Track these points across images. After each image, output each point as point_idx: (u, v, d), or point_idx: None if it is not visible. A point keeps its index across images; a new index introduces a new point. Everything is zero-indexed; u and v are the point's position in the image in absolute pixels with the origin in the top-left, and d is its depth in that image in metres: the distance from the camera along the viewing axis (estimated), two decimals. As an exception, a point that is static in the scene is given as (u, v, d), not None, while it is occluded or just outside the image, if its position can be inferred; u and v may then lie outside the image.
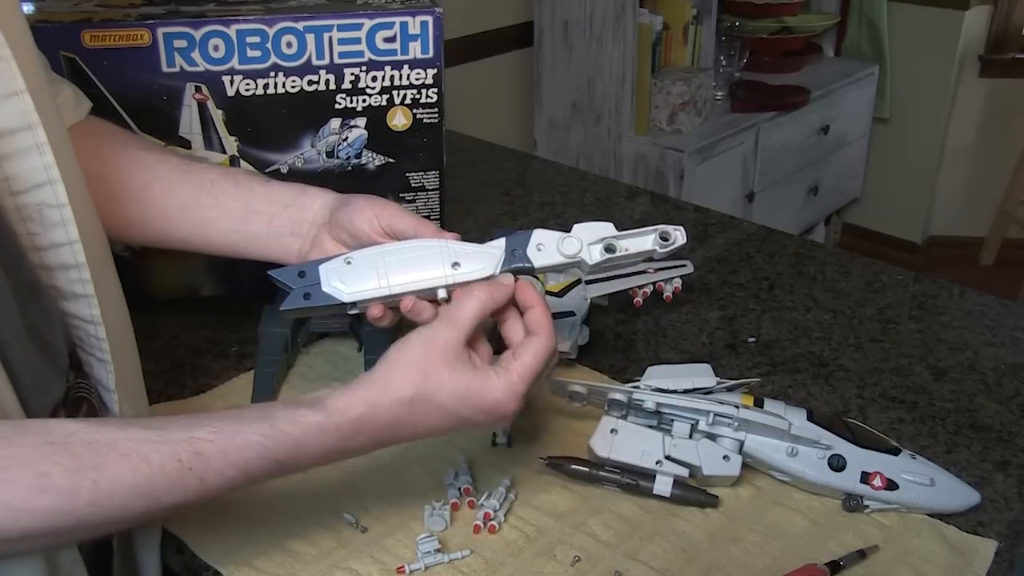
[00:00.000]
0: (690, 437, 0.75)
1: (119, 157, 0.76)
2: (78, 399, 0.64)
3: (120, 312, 0.67)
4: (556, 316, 0.89)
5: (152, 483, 0.54)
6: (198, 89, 0.92)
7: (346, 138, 0.98)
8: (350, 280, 0.67)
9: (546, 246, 0.73)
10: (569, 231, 0.72)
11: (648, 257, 0.76)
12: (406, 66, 0.96)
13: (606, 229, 0.77)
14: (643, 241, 0.79)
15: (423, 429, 0.63)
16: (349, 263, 0.69)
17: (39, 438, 0.52)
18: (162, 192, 0.76)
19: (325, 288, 0.68)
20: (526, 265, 0.69)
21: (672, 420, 0.76)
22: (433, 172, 1.02)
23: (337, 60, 0.94)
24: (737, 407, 0.74)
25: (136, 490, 0.53)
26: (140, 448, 0.54)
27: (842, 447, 0.74)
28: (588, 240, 0.75)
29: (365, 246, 0.72)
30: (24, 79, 0.55)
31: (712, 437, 0.75)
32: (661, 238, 0.79)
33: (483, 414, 0.63)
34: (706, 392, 0.77)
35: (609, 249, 0.76)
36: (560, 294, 0.90)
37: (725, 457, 0.74)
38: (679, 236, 0.81)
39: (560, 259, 0.73)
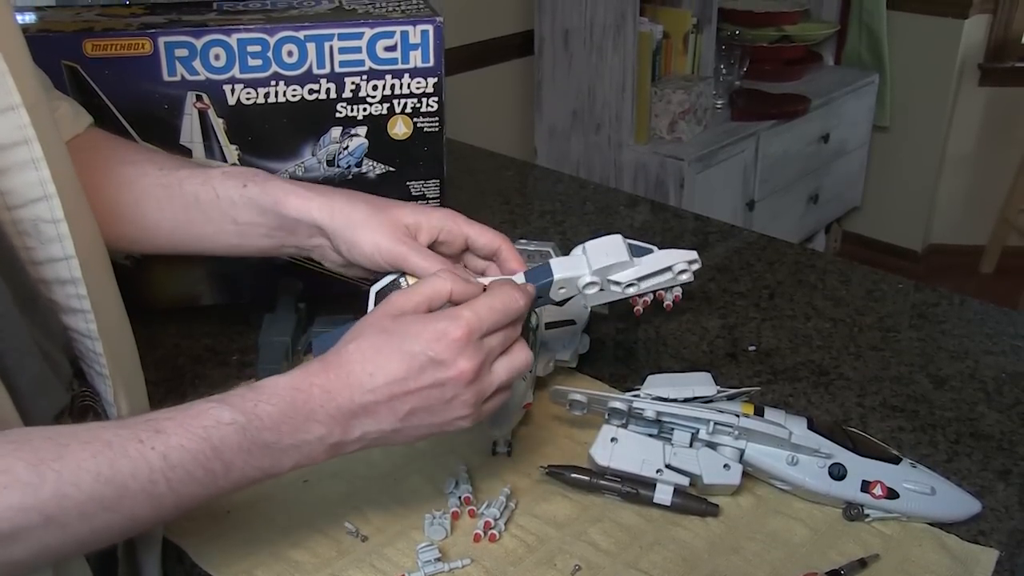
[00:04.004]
0: (690, 446, 0.75)
1: (109, 174, 0.75)
2: (84, 407, 0.64)
3: (120, 327, 0.67)
4: (556, 325, 0.89)
5: (115, 466, 0.52)
6: (199, 98, 0.92)
7: (347, 147, 0.98)
8: None
9: (566, 290, 0.73)
10: (572, 245, 0.72)
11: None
12: (407, 75, 0.96)
13: (618, 250, 0.73)
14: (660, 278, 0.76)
15: (381, 375, 0.60)
16: None
17: None
18: (152, 210, 0.75)
19: None
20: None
21: (672, 429, 0.76)
22: (433, 181, 1.02)
23: (338, 69, 0.94)
24: (737, 416, 0.74)
25: (100, 476, 0.51)
26: (101, 435, 0.53)
27: (842, 456, 0.74)
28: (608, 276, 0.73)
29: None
30: (20, 94, 0.54)
31: (712, 446, 0.75)
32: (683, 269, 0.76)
33: (429, 343, 0.60)
34: (706, 401, 0.77)
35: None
36: (560, 303, 0.90)
37: (726, 466, 0.74)
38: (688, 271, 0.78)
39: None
